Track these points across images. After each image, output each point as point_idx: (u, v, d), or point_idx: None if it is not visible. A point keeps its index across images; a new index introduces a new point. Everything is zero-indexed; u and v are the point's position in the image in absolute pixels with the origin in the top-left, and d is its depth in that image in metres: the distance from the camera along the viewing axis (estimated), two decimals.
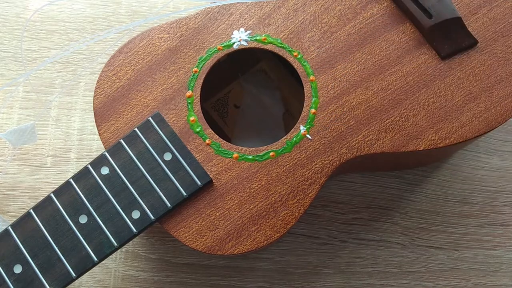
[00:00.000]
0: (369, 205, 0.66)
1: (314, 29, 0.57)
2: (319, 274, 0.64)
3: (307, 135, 0.53)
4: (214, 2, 0.57)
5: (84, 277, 0.61)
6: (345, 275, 0.64)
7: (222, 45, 0.56)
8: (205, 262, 0.63)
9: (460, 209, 0.67)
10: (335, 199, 0.66)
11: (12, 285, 0.48)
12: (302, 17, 0.57)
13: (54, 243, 0.49)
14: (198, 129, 0.53)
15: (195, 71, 0.55)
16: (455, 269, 0.65)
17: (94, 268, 0.58)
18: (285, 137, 0.53)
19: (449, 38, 0.57)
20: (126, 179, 0.51)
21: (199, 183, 0.51)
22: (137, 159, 0.51)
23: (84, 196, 0.50)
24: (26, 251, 0.49)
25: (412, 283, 0.64)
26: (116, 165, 0.51)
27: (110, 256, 0.62)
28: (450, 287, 0.64)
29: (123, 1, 0.71)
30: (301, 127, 0.53)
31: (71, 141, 0.66)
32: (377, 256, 0.65)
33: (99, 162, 0.51)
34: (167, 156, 0.51)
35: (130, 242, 0.62)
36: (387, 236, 0.65)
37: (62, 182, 0.51)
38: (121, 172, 0.51)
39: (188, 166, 0.51)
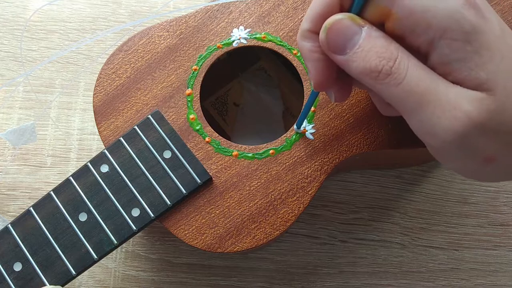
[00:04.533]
0: (369, 205, 0.66)
1: None
2: (319, 274, 0.64)
3: (307, 133, 0.53)
4: (213, 1, 0.57)
5: (84, 277, 0.61)
6: (345, 275, 0.64)
7: (222, 43, 0.56)
8: (205, 262, 0.63)
9: (460, 209, 0.67)
10: (335, 199, 0.66)
11: (12, 282, 0.48)
12: (302, 15, 0.57)
13: (54, 240, 0.49)
14: (197, 127, 0.53)
15: (195, 69, 0.55)
16: (455, 269, 0.65)
17: (94, 268, 0.58)
18: (285, 135, 0.53)
19: None
20: (126, 177, 0.51)
21: (198, 181, 0.51)
22: (136, 157, 0.51)
23: (84, 194, 0.50)
24: (26, 248, 0.49)
25: (412, 283, 0.64)
26: (115, 163, 0.51)
27: (110, 256, 0.62)
28: (450, 287, 0.64)
29: (123, 1, 0.71)
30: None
31: (71, 141, 0.66)
32: (377, 256, 0.65)
33: (98, 160, 0.51)
34: (167, 154, 0.51)
35: (130, 242, 0.63)
36: (387, 236, 0.65)
37: None
38: (121, 170, 0.51)
39: (187, 164, 0.51)
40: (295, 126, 0.53)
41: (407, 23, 0.37)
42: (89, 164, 0.51)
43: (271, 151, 0.53)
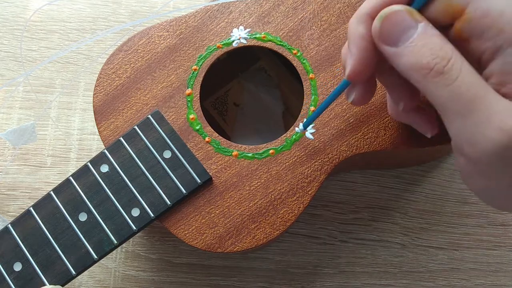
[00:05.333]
0: (369, 205, 0.66)
1: (314, 27, 0.57)
2: (319, 274, 0.64)
3: (307, 133, 0.53)
4: (213, 1, 0.57)
5: (84, 277, 0.61)
6: (345, 275, 0.64)
7: (222, 43, 0.56)
8: (205, 262, 0.63)
9: (460, 209, 0.67)
10: (335, 199, 0.66)
11: (12, 282, 0.48)
12: (302, 15, 0.57)
13: (54, 240, 0.49)
14: (197, 127, 0.53)
15: (195, 69, 0.55)
16: (455, 269, 0.65)
17: (94, 268, 0.58)
18: (284, 135, 0.53)
19: None
20: (126, 176, 0.51)
21: (198, 180, 0.51)
22: (136, 157, 0.51)
23: (84, 194, 0.50)
24: (26, 248, 0.49)
25: (412, 283, 0.64)
26: (115, 162, 0.51)
27: (110, 256, 0.62)
28: (450, 287, 0.64)
29: (123, 1, 0.71)
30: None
31: (71, 141, 0.66)
32: (377, 256, 0.65)
33: (98, 160, 0.51)
34: (167, 154, 0.52)
35: (130, 242, 0.63)
36: (387, 236, 0.65)
37: None
38: (121, 169, 0.51)
39: (187, 164, 0.51)
40: (301, 125, 0.53)
41: (478, 25, 0.36)
42: (89, 164, 0.51)
43: (271, 151, 0.53)
